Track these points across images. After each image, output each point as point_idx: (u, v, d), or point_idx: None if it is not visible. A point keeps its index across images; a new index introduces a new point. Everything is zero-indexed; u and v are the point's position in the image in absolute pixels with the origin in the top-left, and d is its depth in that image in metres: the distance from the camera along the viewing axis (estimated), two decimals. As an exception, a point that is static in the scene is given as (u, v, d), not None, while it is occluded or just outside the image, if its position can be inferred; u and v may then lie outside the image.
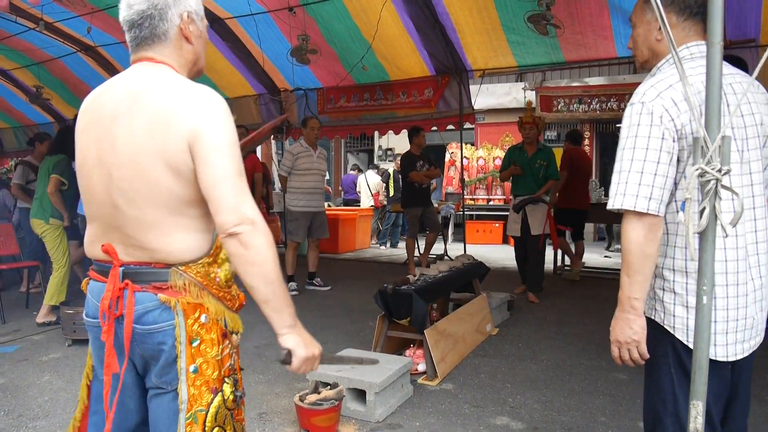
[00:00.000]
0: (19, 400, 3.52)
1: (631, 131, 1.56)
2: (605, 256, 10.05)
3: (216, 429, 1.44)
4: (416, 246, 7.70)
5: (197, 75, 1.61)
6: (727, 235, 1.36)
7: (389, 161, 14.93)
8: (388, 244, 11.54)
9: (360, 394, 3.20)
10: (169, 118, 1.36)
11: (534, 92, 12.48)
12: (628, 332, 1.59)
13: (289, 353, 1.43)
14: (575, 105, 12.16)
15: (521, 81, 12.93)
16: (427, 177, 7.39)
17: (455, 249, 9.64)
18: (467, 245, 8.55)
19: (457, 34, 6.69)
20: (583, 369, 3.98)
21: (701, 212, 1.29)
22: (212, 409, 1.44)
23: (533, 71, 11.83)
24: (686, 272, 1.59)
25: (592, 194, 9.73)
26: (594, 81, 12.08)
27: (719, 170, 1.26)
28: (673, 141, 1.53)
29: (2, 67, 8.93)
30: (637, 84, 1.67)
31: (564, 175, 6.97)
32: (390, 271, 8.01)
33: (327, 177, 12.62)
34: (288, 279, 6.50)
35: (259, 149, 11.61)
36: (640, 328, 1.59)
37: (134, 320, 1.41)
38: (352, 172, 13.20)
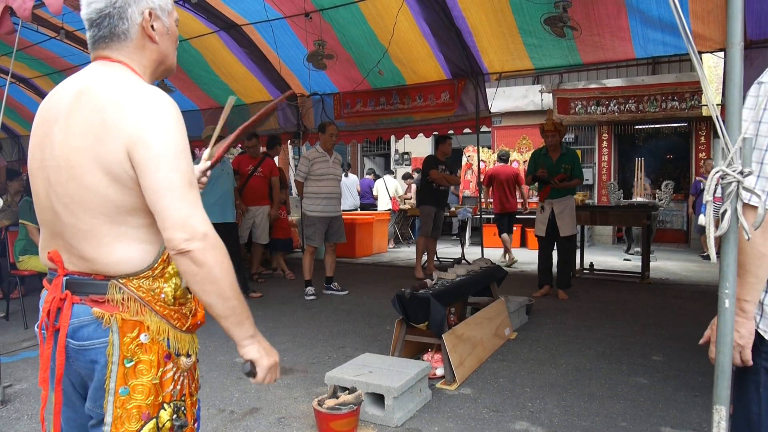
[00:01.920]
0: (43, 403, 3.56)
1: (746, 114, 1.38)
2: (625, 259, 9.94)
3: None
4: (431, 246, 7.68)
5: (165, 74, 1.50)
6: (749, 238, 1.32)
7: (406, 165, 14.93)
8: None
9: (378, 399, 3.19)
10: (107, 120, 1.25)
11: (551, 95, 12.41)
12: (734, 335, 1.44)
13: (253, 364, 1.38)
14: (593, 107, 12.06)
15: (538, 83, 12.86)
16: (446, 180, 7.45)
17: (472, 252, 9.61)
18: (484, 249, 8.52)
19: (473, 37, 6.70)
20: (603, 373, 3.94)
21: (723, 215, 1.27)
22: None
23: (550, 74, 11.79)
24: None
25: (611, 197, 9.65)
26: (612, 83, 11.98)
27: (740, 172, 1.25)
28: None
29: (24, 76, 9.10)
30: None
31: (488, 191, 8.59)
32: (408, 276, 7.99)
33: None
34: (306, 284, 6.54)
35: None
36: (747, 333, 1.45)
37: (69, 334, 1.31)
38: (368, 176, 13.23)
